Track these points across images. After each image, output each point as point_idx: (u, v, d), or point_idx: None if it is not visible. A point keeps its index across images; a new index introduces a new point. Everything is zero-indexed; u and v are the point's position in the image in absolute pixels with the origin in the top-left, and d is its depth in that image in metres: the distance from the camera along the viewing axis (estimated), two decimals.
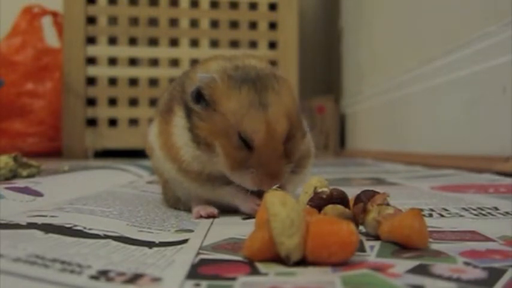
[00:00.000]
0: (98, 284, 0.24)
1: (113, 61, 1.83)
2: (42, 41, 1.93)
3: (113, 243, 0.33)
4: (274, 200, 0.29)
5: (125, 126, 1.83)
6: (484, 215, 0.46)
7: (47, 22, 1.97)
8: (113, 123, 1.84)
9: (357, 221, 0.36)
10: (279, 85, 0.45)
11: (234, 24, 1.90)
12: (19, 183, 0.58)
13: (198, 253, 0.32)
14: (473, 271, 0.26)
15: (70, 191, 0.60)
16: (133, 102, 1.84)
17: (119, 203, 0.53)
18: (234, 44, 1.89)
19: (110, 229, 0.38)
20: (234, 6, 1.90)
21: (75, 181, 0.72)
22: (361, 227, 0.37)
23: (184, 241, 0.36)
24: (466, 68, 1.04)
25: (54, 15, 1.96)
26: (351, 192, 0.39)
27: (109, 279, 0.25)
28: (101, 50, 1.82)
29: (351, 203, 0.37)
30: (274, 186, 0.43)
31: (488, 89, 0.95)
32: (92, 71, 1.82)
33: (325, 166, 1.28)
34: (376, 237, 0.35)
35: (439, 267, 0.27)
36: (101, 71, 1.82)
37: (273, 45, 1.91)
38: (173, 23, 1.87)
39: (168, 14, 1.86)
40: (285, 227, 0.28)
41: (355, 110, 2.03)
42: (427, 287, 0.24)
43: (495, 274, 0.26)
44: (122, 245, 0.33)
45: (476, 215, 0.46)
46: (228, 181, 0.46)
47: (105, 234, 0.36)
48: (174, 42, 1.86)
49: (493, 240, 0.34)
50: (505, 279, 0.25)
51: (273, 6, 1.91)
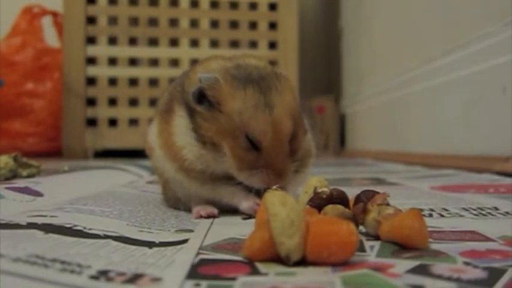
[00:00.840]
0: (98, 284, 0.24)
1: (113, 61, 1.83)
2: (42, 41, 1.93)
3: (113, 243, 0.33)
4: (274, 200, 0.29)
5: (125, 126, 1.83)
6: (484, 215, 0.46)
7: (47, 22, 1.97)
8: (113, 123, 1.84)
9: (357, 221, 0.36)
10: (281, 85, 0.46)
11: (234, 24, 1.90)
12: (19, 183, 0.58)
13: (198, 253, 0.32)
14: (473, 271, 0.26)
15: (70, 191, 0.60)
16: (133, 102, 1.84)
17: (118, 203, 0.53)
18: (234, 44, 1.89)
19: (110, 229, 0.38)
20: (234, 6, 1.90)
21: (75, 181, 0.72)
22: (361, 227, 0.37)
23: (184, 241, 0.36)
24: (466, 68, 1.04)
25: (54, 15, 1.96)
26: (351, 192, 0.39)
27: (109, 279, 0.25)
28: (101, 50, 1.82)
29: (351, 203, 0.37)
30: (275, 186, 0.43)
31: (488, 89, 0.95)
32: (92, 71, 1.82)
33: (325, 166, 1.28)
34: (376, 237, 0.35)
35: (439, 267, 0.27)
36: (101, 71, 1.82)
37: (273, 45, 1.91)
38: (173, 23, 1.87)
39: (168, 14, 1.86)
40: (285, 227, 0.28)
41: (355, 110, 2.03)
42: (427, 287, 0.24)
43: (495, 274, 0.26)
44: (122, 245, 0.33)
45: (476, 215, 0.46)
46: (229, 180, 0.47)
47: (105, 234, 0.36)
48: (174, 42, 1.87)
49: (493, 240, 0.34)
50: (505, 279, 0.25)
51: (273, 6, 1.91)
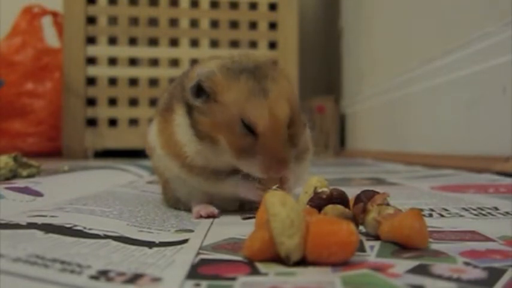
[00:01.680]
0: (98, 284, 0.24)
1: (113, 61, 1.83)
2: (42, 41, 1.93)
3: (113, 243, 0.33)
4: (274, 200, 0.29)
5: (125, 126, 1.83)
6: (484, 215, 0.46)
7: (47, 22, 1.97)
8: (113, 123, 1.84)
9: (357, 221, 0.36)
10: (276, 73, 0.46)
11: (234, 24, 1.90)
12: (19, 183, 0.58)
13: (198, 253, 0.32)
14: (473, 271, 0.26)
15: (70, 191, 0.60)
16: (133, 102, 1.84)
17: (119, 203, 0.53)
18: (234, 44, 1.89)
19: (110, 229, 0.38)
20: (234, 6, 1.90)
21: (75, 181, 0.72)
22: (361, 227, 0.37)
23: (184, 241, 0.36)
24: (466, 68, 1.04)
25: (54, 15, 1.96)
26: (351, 192, 0.39)
27: (109, 279, 0.25)
28: (101, 50, 1.82)
29: (351, 203, 0.37)
30: (275, 187, 0.43)
31: (488, 89, 0.95)
32: (92, 71, 1.82)
33: (325, 166, 1.28)
34: (376, 237, 0.35)
35: (439, 267, 0.27)
36: (101, 71, 1.83)
37: (273, 45, 1.91)
38: (173, 23, 1.87)
39: (168, 14, 1.86)
40: (285, 227, 0.28)
41: (355, 110, 2.03)
42: (427, 287, 0.24)
43: (495, 274, 0.26)
44: (122, 245, 0.33)
45: (476, 215, 0.46)
46: (231, 173, 0.47)
47: (105, 234, 0.36)
48: (174, 42, 1.87)
49: (493, 240, 0.34)
50: (505, 279, 0.25)
51: (273, 6, 1.91)
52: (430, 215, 0.46)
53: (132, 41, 1.85)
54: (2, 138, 1.82)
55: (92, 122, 1.82)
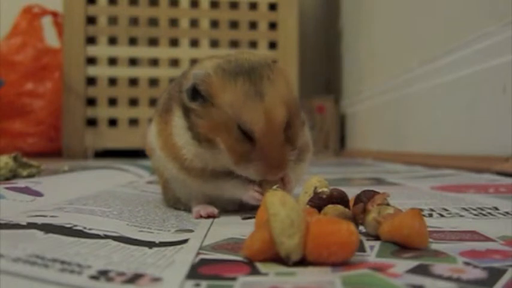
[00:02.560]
0: (98, 284, 0.24)
1: (113, 61, 1.83)
2: (42, 41, 1.93)
3: (112, 243, 0.33)
4: (274, 200, 0.29)
5: (125, 126, 1.83)
6: (484, 215, 0.46)
7: (47, 22, 1.97)
8: (113, 123, 1.84)
9: (356, 221, 0.36)
10: (273, 74, 0.45)
11: (234, 24, 1.90)
12: (19, 183, 0.58)
13: (198, 253, 0.32)
14: (473, 271, 0.26)
15: (70, 191, 0.60)
16: (133, 102, 1.84)
17: (118, 203, 0.53)
18: (234, 44, 1.89)
19: (110, 229, 0.38)
20: (234, 6, 1.89)
21: (75, 181, 0.72)
22: (361, 227, 0.37)
23: (184, 241, 0.36)
24: (466, 68, 1.04)
25: (54, 15, 1.96)
26: (351, 192, 0.39)
27: (109, 279, 0.25)
28: (101, 50, 1.82)
29: (351, 203, 0.37)
30: (275, 187, 0.43)
31: (488, 89, 0.95)
32: (92, 71, 1.82)
33: (325, 166, 1.28)
34: (376, 237, 0.35)
35: (439, 267, 0.27)
36: (101, 71, 1.82)
37: (273, 45, 1.91)
38: (173, 23, 1.87)
39: (168, 14, 1.86)
40: (285, 227, 0.28)
41: (355, 110, 2.03)
42: (427, 287, 0.24)
43: (495, 274, 0.26)
44: (122, 245, 0.33)
45: (476, 215, 0.46)
46: (230, 175, 0.47)
47: (105, 234, 0.36)
48: (174, 42, 1.86)
49: (493, 240, 0.34)
50: (505, 279, 0.25)
51: (273, 6, 1.91)
52: (430, 215, 0.46)
53: (132, 41, 1.85)
54: (2, 138, 1.82)
55: (92, 122, 1.82)
